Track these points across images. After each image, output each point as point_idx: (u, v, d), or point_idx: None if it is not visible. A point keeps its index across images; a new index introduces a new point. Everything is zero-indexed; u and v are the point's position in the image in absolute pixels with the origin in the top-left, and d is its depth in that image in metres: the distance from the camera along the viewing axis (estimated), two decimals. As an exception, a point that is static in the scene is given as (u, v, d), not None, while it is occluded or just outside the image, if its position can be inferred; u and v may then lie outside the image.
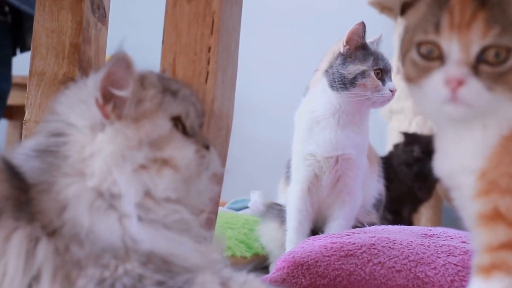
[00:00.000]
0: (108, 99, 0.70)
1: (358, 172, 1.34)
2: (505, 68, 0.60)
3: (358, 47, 1.32)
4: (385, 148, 2.13)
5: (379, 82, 1.30)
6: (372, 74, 1.30)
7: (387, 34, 1.34)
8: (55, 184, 0.67)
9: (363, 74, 1.30)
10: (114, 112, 0.70)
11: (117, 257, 0.65)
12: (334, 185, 1.34)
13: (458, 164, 0.65)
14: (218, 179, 0.82)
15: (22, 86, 1.30)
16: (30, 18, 1.83)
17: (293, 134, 1.39)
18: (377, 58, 1.32)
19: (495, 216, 0.62)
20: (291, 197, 1.36)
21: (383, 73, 1.31)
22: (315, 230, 1.35)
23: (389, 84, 1.31)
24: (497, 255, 0.61)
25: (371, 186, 1.45)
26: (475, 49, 0.61)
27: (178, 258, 0.68)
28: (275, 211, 1.45)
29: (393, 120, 2.32)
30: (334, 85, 1.32)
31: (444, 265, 0.97)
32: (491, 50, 0.60)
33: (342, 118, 1.32)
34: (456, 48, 0.61)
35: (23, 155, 0.71)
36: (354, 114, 1.32)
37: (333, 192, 1.34)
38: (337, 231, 1.29)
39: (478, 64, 0.61)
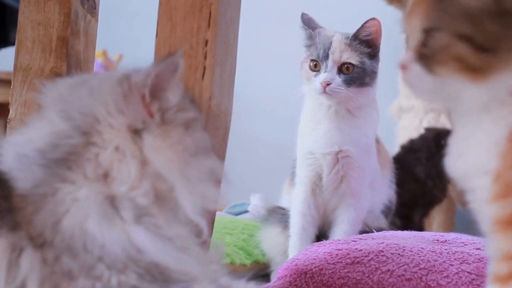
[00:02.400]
0: (153, 99, 0.69)
1: (362, 172, 1.34)
2: (431, 49, 0.64)
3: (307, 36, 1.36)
4: (394, 148, 2.13)
5: (311, 74, 1.32)
6: (306, 65, 1.33)
7: (396, 27, 1.34)
8: (57, 193, 0.66)
9: (301, 65, 1.35)
10: (159, 113, 0.69)
11: (111, 267, 0.65)
12: (337, 187, 1.34)
13: (470, 164, 0.64)
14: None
15: (6, 82, 1.30)
16: (15, 11, 1.83)
17: (297, 133, 1.41)
18: (316, 47, 1.33)
19: None
20: (295, 200, 1.36)
21: (319, 63, 1.31)
22: (322, 236, 1.35)
23: (320, 76, 1.30)
24: None
25: (381, 191, 1.44)
26: (416, 34, 0.67)
27: (177, 267, 0.68)
28: (278, 215, 1.45)
29: (403, 118, 2.32)
30: None
31: (457, 273, 0.97)
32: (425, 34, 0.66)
33: (329, 111, 1.33)
34: (406, 34, 0.69)
35: (22, 156, 0.68)
36: (337, 107, 1.32)
37: (336, 194, 1.35)
38: (341, 236, 1.29)
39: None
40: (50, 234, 0.65)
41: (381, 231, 1.30)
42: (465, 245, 1.11)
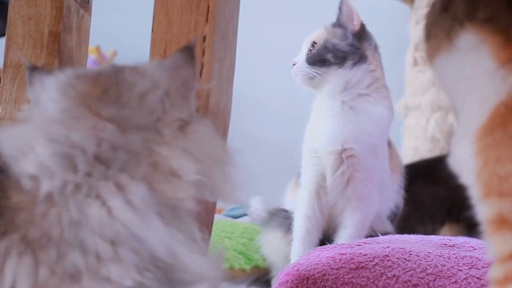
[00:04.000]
0: None
1: (369, 174, 1.33)
2: None
3: None
4: (400, 148, 2.13)
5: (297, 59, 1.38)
6: None
7: (402, 22, 1.34)
8: (93, 189, 0.65)
9: None
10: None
11: (136, 264, 0.64)
12: (343, 189, 1.34)
13: (458, 161, 0.63)
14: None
15: (-4, 80, 1.30)
16: (2, 4, 1.84)
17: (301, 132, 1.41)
18: None
19: (501, 222, 0.59)
20: (299, 202, 1.36)
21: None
22: (326, 240, 1.35)
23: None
24: (510, 266, 0.59)
25: (390, 196, 1.44)
26: None
27: (186, 268, 0.69)
28: (279, 218, 1.45)
29: (409, 117, 2.32)
30: None
31: (466, 278, 0.97)
32: None
33: (327, 105, 1.34)
34: None
35: (63, 156, 0.66)
36: (331, 100, 1.34)
37: (342, 197, 1.34)
38: (346, 241, 1.29)
39: None
40: (60, 231, 0.64)
41: (386, 235, 1.31)
42: (474, 249, 1.11)
